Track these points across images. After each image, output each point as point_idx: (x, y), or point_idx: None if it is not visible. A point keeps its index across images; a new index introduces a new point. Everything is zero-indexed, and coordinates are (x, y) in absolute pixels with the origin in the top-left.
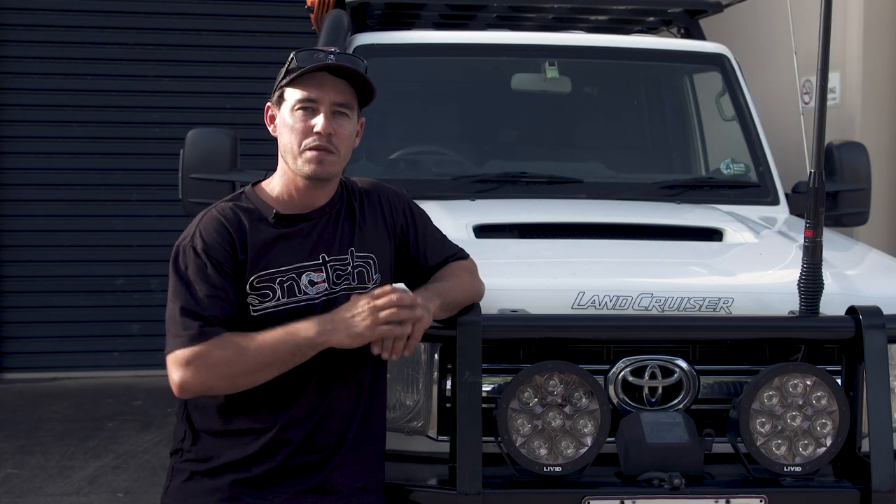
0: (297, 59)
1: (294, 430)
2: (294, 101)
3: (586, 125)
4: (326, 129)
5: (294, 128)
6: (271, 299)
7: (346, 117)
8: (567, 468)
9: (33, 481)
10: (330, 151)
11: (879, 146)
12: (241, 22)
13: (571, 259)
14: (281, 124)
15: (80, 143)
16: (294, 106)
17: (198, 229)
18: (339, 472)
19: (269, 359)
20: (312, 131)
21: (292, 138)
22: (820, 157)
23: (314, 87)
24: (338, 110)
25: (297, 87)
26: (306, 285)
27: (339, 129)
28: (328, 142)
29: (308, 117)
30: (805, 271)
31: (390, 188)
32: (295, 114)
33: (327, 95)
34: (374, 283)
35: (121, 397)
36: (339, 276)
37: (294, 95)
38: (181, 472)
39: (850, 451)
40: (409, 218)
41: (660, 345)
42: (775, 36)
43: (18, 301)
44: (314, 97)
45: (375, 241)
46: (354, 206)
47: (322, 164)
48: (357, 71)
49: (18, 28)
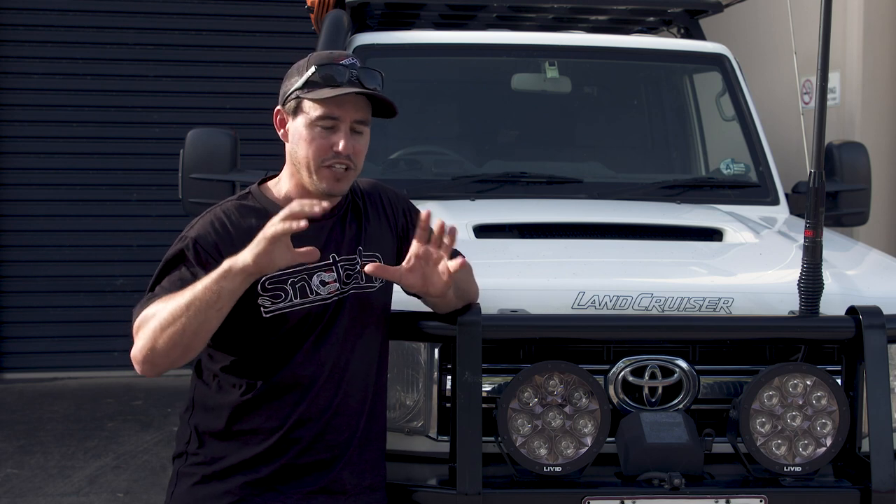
0: (319, 72)
1: (305, 429)
2: (314, 117)
3: (586, 125)
4: (347, 149)
5: (312, 143)
6: (284, 300)
7: (364, 133)
8: (567, 468)
9: (33, 481)
10: (349, 168)
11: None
12: (241, 22)
13: (571, 259)
14: (296, 135)
15: (80, 143)
16: (314, 121)
17: (198, 223)
18: (347, 472)
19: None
20: (332, 150)
21: (310, 153)
22: (820, 157)
23: (336, 106)
24: (356, 128)
25: (318, 103)
26: (318, 285)
27: (358, 145)
28: (348, 159)
29: (328, 135)
30: (805, 271)
31: (389, 188)
32: (314, 130)
33: (348, 114)
34: (381, 282)
35: (121, 397)
36: (349, 275)
37: (314, 111)
38: (188, 475)
39: (850, 451)
40: (408, 217)
41: (660, 345)
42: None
43: (18, 301)
44: (336, 115)
45: (380, 239)
46: (360, 206)
47: (340, 181)
48: (384, 98)
49: (18, 28)
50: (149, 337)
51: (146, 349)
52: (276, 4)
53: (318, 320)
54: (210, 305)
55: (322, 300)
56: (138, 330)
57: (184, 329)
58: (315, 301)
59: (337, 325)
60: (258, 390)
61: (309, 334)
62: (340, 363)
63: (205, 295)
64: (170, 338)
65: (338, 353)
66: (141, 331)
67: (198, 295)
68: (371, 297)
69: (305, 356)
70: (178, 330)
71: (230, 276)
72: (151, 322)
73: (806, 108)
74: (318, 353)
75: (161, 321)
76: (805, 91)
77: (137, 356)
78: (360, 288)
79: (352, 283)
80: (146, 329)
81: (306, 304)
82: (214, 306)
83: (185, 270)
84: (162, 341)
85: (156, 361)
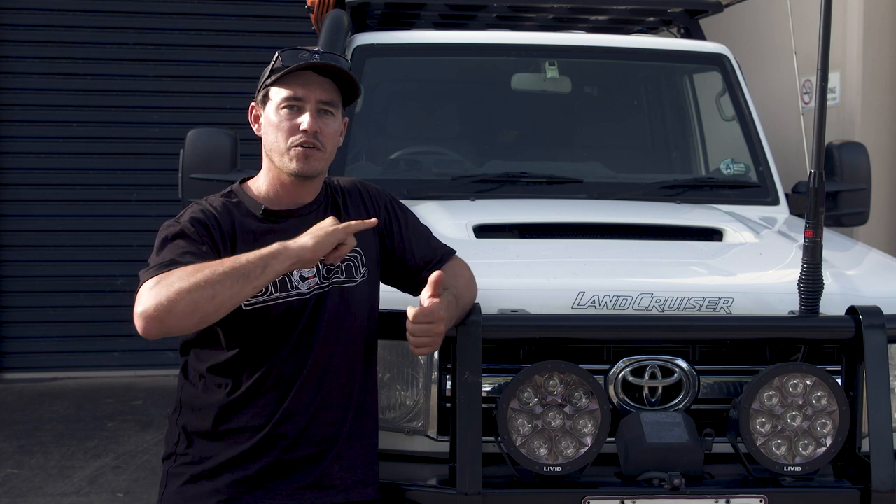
0: (282, 59)
1: (289, 424)
2: (280, 100)
3: (586, 125)
4: (313, 127)
5: (280, 126)
6: (264, 293)
7: (332, 115)
8: (567, 468)
9: (33, 481)
10: (316, 148)
11: (879, 146)
12: (241, 22)
13: (571, 259)
14: (266, 123)
15: (80, 143)
16: (280, 105)
17: (187, 211)
18: (336, 466)
19: (229, 268)
20: (298, 129)
21: (278, 136)
22: (820, 157)
23: (300, 86)
24: (323, 108)
25: (282, 87)
26: (297, 280)
27: (325, 127)
28: (314, 139)
29: (294, 116)
30: (805, 271)
31: (372, 185)
32: (280, 112)
33: (313, 94)
34: (363, 277)
35: (121, 397)
36: (329, 270)
37: (279, 94)
38: (177, 475)
39: (850, 451)
40: (391, 212)
41: (660, 345)
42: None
43: (18, 301)
44: (300, 95)
45: (361, 235)
46: (339, 202)
47: (308, 160)
48: (342, 69)
49: (18, 28)
50: (167, 295)
51: (160, 307)
52: (276, 4)
53: (300, 315)
54: (251, 280)
55: (301, 295)
56: (153, 287)
57: (214, 295)
58: (294, 296)
59: (320, 320)
60: (243, 389)
61: (292, 330)
62: (322, 357)
63: (247, 268)
64: (194, 301)
65: (320, 348)
66: (156, 288)
67: (240, 267)
68: (353, 291)
69: (289, 352)
70: (208, 295)
71: (281, 257)
72: (174, 282)
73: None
74: (301, 348)
75: (190, 283)
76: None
77: (148, 311)
78: (341, 282)
79: (332, 278)
80: (165, 287)
81: (286, 297)
82: (254, 281)
83: (192, 245)
84: (185, 303)
85: (166, 321)
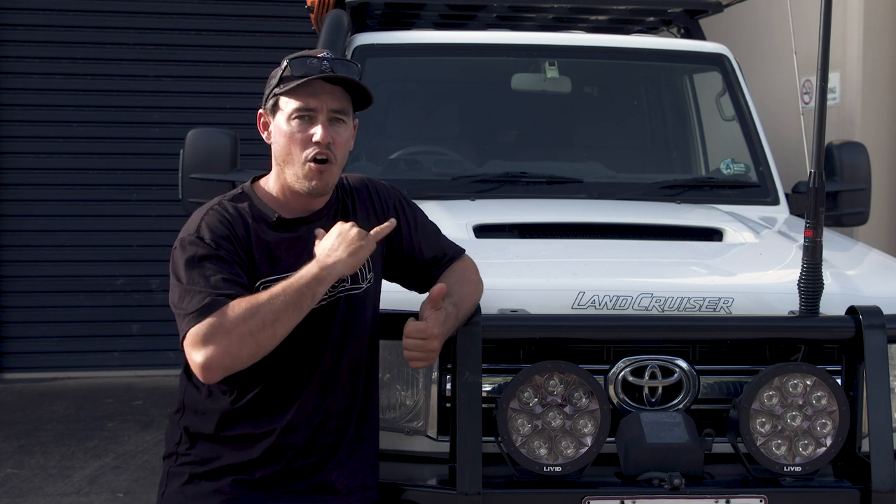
0: (291, 67)
1: (296, 434)
2: (291, 111)
3: (586, 125)
4: (325, 138)
5: (293, 138)
6: None
7: (343, 123)
8: (567, 468)
9: (33, 481)
10: (329, 161)
11: (879, 146)
12: (241, 22)
13: (571, 259)
14: (277, 133)
15: (80, 143)
16: (291, 115)
17: (202, 222)
18: (338, 472)
19: (282, 304)
20: (311, 141)
21: (292, 149)
22: (820, 157)
23: (310, 96)
24: (334, 117)
25: (292, 97)
26: None
27: (337, 136)
28: (327, 150)
29: (306, 127)
30: (805, 271)
31: (381, 183)
32: (292, 123)
33: (324, 104)
34: (368, 282)
35: (121, 397)
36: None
37: (290, 105)
38: (178, 475)
39: (850, 451)
40: (400, 212)
41: (660, 345)
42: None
43: (18, 301)
44: (312, 106)
45: None
46: (348, 206)
47: (322, 175)
48: (354, 80)
49: (18, 28)
50: (230, 343)
51: (227, 356)
52: (276, 4)
53: (309, 325)
54: (303, 309)
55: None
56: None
57: (274, 333)
58: None
59: (328, 329)
60: (248, 397)
61: (300, 340)
62: (328, 367)
63: (297, 299)
64: (257, 344)
65: (326, 358)
66: (215, 338)
67: (291, 300)
68: (361, 297)
69: (296, 362)
70: (269, 334)
71: (326, 282)
72: (232, 328)
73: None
74: (308, 358)
75: (250, 327)
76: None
77: (215, 362)
78: (347, 290)
79: (339, 287)
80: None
81: None
82: (305, 310)
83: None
84: (249, 347)
85: (232, 367)
